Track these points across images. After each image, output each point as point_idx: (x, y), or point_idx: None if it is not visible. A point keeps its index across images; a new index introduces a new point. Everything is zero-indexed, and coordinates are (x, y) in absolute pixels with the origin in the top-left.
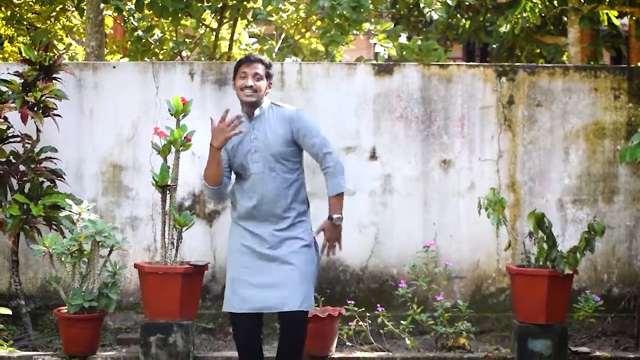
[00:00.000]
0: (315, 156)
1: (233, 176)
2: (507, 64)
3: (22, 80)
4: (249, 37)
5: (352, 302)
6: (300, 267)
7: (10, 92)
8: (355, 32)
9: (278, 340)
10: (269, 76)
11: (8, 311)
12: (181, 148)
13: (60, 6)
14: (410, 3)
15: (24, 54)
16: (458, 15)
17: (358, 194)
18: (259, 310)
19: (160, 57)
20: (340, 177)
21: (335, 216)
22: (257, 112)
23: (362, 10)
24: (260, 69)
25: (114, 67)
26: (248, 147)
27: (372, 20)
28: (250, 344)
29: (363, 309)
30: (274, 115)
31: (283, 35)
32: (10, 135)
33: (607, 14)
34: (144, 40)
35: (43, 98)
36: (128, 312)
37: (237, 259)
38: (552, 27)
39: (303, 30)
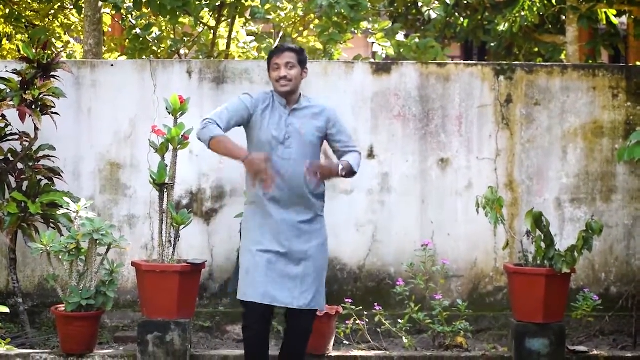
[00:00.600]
0: (340, 149)
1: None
2: (505, 62)
3: (20, 78)
4: (247, 35)
5: (350, 301)
6: (317, 264)
7: (8, 90)
8: (353, 30)
9: (284, 335)
10: (302, 62)
11: (5, 309)
12: (179, 146)
13: (59, 4)
14: (408, 1)
15: (22, 52)
16: (456, 13)
17: (356, 192)
18: (273, 303)
19: (158, 55)
20: (359, 163)
21: (343, 165)
22: (295, 99)
23: (360, 8)
24: (291, 58)
25: (112, 65)
26: (283, 131)
27: (370, 18)
28: (261, 334)
29: (360, 307)
30: (312, 107)
31: (281, 34)
32: (8, 133)
33: (605, 12)
34: (142, 39)
35: (41, 96)
36: (125, 310)
37: (254, 248)
38: (550, 26)
39: (301, 28)
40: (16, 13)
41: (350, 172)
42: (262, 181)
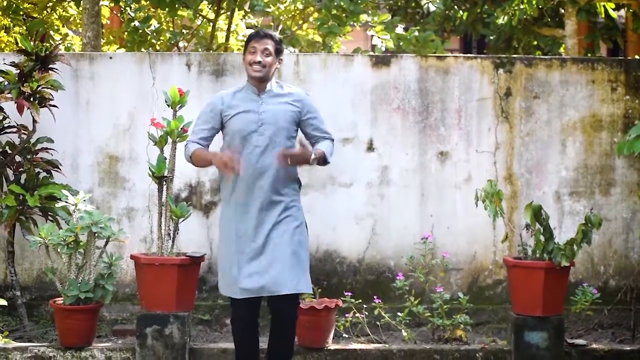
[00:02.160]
0: (313, 136)
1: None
2: (504, 55)
3: (18, 71)
4: (246, 28)
5: (349, 294)
6: (297, 248)
7: (6, 83)
8: (352, 23)
9: (270, 324)
10: (278, 52)
11: (3, 302)
12: (178, 139)
13: None
14: None
15: (20, 45)
16: (455, 7)
17: (355, 185)
18: (257, 294)
19: (157, 47)
20: (332, 151)
21: (316, 154)
22: (267, 87)
23: (359, 1)
24: (269, 45)
25: (111, 57)
26: (255, 119)
27: (370, 11)
28: (249, 330)
29: (360, 300)
30: (285, 94)
31: (280, 27)
32: (6, 125)
33: (604, 6)
34: (140, 31)
35: (39, 88)
36: (124, 303)
37: (232, 243)
38: (549, 19)
39: (300, 21)
40: (14, 5)
41: (323, 161)
42: (232, 170)
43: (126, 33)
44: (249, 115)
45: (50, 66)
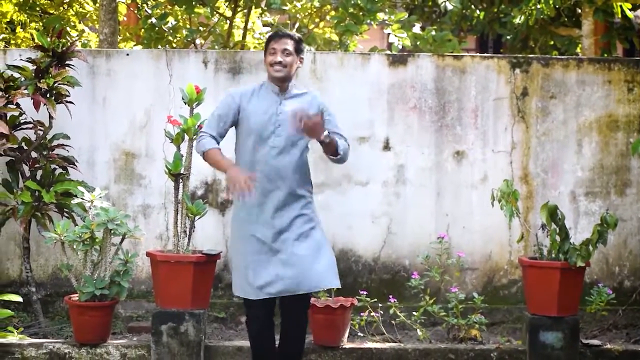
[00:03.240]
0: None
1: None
2: (521, 55)
3: (34, 67)
4: (263, 26)
5: (365, 293)
6: (314, 246)
7: (22, 79)
8: (369, 21)
9: (281, 324)
10: (298, 51)
11: (19, 298)
12: (194, 137)
13: None
14: None
15: (36, 40)
16: (472, 6)
17: (371, 184)
18: (275, 295)
19: (174, 45)
20: (345, 149)
21: (330, 136)
22: (288, 88)
23: (376, 0)
24: (289, 45)
25: (128, 54)
26: (273, 119)
27: (387, 10)
28: (265, 329)
29: (375, 299)
30: (304, 96)
31: (297, 25)
32: (22, 121)
33: (620, 6)
34: (157, 28)
35: (56, 85)
36: (139, 300)
37: (247, 245)
38: (566, 19)
39: (317, 19)
40: (30, 1)
41: (334, 146)
42: (239, 192)
43: (143, 30)
44: (267, 116)
45: (67, 62)
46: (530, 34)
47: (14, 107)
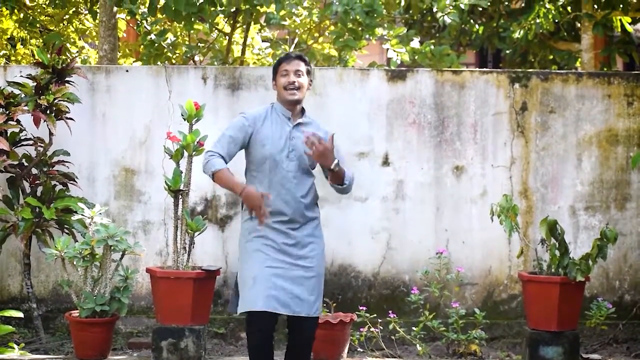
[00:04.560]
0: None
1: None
2: (520, 70)
3: (35, 83)
4: (262, 41)
5: (364, 308)
6: (319, 271)
7: (23, 95)
8: (368, 37)
9: (287, 341)
10: (309, 73)
11: (20, 314)
12: (194, 153)
13: (73, 9)
14: (423, 8)
15: (36, 57)
16: (471, 21)
17: (370, 199)
18: (280, 311)
19: (173, 61)
20: (351, 179)
21: (337, 162)
22: (301, 114)
23: (375, 15)
24: (301, 66)
25: (127, 70)
26: (286, 145)
27: (385, 25)
28: (266, 344)
29: (375, 315)
30: (314, 125)
31: (296, 40)
32: (23, 138)
33: (620, 20)
34: (157, 44)
35: (56, 101)
36: (140, 316)
37: (258, 259)
38: (565, 34)
39: (316, 35)
40: (30, 18)
41: (341, 176)
42: (257, 215)
43: (142, 46)
44: (281, 141)
45: (67, 79)
46: (529, 49)
47: (15, 123)
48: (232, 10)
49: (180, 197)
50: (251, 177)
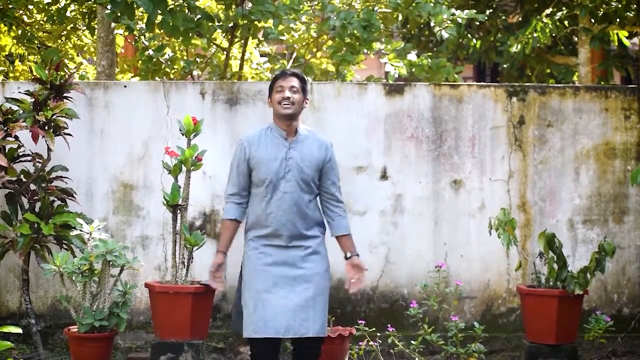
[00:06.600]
0: (326, 192)
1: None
2: (517, 84)
3: (33, 99)
4: (260, 56)
5: (363, 322)
6: (323, 290)
7: (21, 111)
8: (365, 51)
9: (293, 357)
10: (304, 90)
11: (18, 330)
12: (192, 168)
13: (71, 25)
14: (420, 22)
15: (34, 73)
16: (469, 35)
17: (369, 213)
18: (283, 335)
19: (171, 76)
20: (347, 221)
21: (356, 253)
22: (294, 129)
23: (372, 29)
24: (296, 83)
25: (125, 86)
26: (282, 165)
27: (383, 39)
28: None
29: (373, 328)
30: (311, 139)
31: (294, 55)
32: (21, 154)
33: (617, 34)
34: (154, 60)
35: (54, 117)
36: (138, 331)
37: (259, 280)
38: (562, 47)
39: (314, 49)
40: (28, 34)
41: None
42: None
43: (140, 62)
44: (276, 163)
45: (65, 95)
46: (527, 63)
47: (13, 139)
48: (230, 25)
49: (178, 212)
50: (253, 195)
